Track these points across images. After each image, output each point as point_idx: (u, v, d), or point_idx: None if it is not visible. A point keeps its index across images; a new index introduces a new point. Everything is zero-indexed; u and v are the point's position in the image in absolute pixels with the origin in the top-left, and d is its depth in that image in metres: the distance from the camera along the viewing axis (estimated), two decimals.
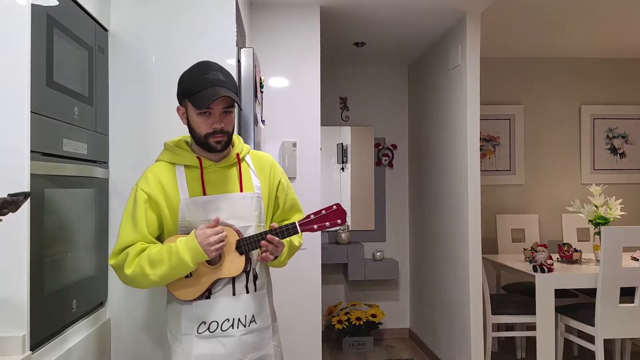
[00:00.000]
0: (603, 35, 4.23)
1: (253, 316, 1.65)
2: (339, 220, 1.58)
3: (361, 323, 4.31)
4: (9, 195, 1.10)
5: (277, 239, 1.57)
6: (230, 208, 1.63)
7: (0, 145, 1.34)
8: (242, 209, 1.65)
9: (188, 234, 1.59)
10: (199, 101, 1.55)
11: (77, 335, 1.72)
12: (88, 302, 1.83)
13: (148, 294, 1.99)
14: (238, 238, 1.60)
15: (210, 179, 1.64)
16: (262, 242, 1.57)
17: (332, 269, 4.73)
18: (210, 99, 1.53)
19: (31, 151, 1.39)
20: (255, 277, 1.68)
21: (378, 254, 4.59)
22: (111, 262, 1.60)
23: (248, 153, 1.76)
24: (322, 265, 3.42)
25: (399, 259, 4.79)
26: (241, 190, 1.66)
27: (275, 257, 1.64)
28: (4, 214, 1.11)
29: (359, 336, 4.36)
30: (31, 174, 1.39)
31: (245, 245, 1.58)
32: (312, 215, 1.59)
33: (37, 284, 1.45)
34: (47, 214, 1.52)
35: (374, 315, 4.39)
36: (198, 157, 1.64)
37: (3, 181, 1.33)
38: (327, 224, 1.58)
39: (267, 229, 1.70)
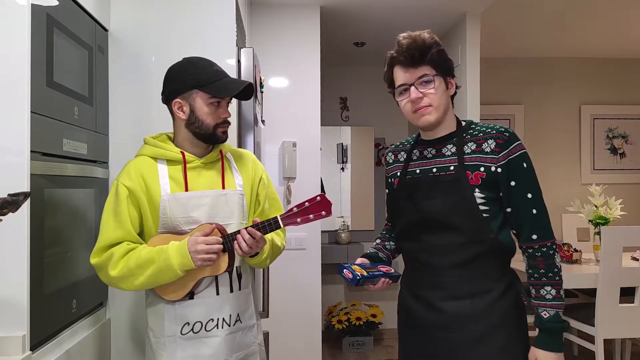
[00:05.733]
0: (603, 35, 4.23)
1: (238, 315, 1.62)
2: (323, 212, 1.48)
3: (361, 323, 4.31)
4: (9, 195, 1.10)
5: (259, 233, 1.50)
6: (212, 205, 1.59)
7: (0, 145, 1.34)
8: (224, 207, 1.62)
9: (169, 232, 1.57)
10: (221, 89, 1.56)
11: (77, 335, 1.72)
12: (88, 302, 1.83)
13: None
14: (221, 235, 1.54)
15: (193, 175, 1.61)
16: (242, 230, 1.50)
17: (332, 269, 4.72)
18: (238, 87, 1.56)
19: (31, 151, 1.39)
20: (240, 275, 1.65)
21: None
22: (93, 260, 1.54)
23: (229, 150, 1.74)
24: (322, 265, 3.42)
25: (399, 259, 4.79)
26: (223, 187, 1.64)
27: (256, 254, 1.58)
28: (4, 214, 1.11)
29: (359, 336, 4.36)
30: (31, 174, 1.38)
31: (228, 242, 1.52)
32: (295, 208, 1.49)
33: (37, 284, 1.45)
34: (47, 214, 1.52)
35: (374, 315, 4.39)
36: (182, 152, 1.61)
37: (3, 181, 1.33)
38: (311, 216, 1.49)
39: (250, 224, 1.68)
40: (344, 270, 1.52)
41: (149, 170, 1.59)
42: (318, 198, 1.49)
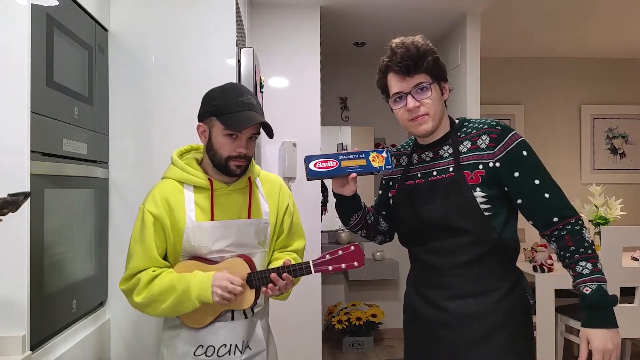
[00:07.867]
0: (603, 35, 4.23)
1: (248, 342, 1.62)
2: (355, 263, 1.51)
3: (361, 323, 4.31)
4: (9, 195, 1.10)
5: (291, 277, 1.53)
6: (236, 235, 1.58)
7: (0, 145, 1.34)
8: (248, 237, 1.60)
9: (196, 258, 1.57)
10: (233, 122, 1.49)
11: (77, 335, 1.72)
12: (88, 302, 1.83)
13: None
14: (249, 271, 1.55)
15: (220, 202, 1.58)
16: (274, 276, 1.51)
17: None
18: (248, 122, 1.49)
19: (31, 151, 1.39)
20: (255, 304, 1.63)
21: (378, 254, 4.58)
22: (122, 287, 1.56)
23: (258, 175, 1.71)
24: None
25: (399, 259, 4.79)
26: (249, 217, 1.62)
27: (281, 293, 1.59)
28: (4, 214, 1.11)
29: (359, 336, 4.36)
30: (31, 174, 1.38)
31: (256, 280, 1.53)
32: (327, 255, 1.53)
33: (37, 284, 1.45)
34: (47, 214, 1.52)
35: (374, 315, 4.39)
36: (209, 179, 1.58)
37: (3, 181, 1.33)
38: (343, 265, 1.52)
39: (270, 253, 1.68)
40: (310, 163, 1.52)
41: (175, 195, 1.57)
42: (352, 248, 1.52)
